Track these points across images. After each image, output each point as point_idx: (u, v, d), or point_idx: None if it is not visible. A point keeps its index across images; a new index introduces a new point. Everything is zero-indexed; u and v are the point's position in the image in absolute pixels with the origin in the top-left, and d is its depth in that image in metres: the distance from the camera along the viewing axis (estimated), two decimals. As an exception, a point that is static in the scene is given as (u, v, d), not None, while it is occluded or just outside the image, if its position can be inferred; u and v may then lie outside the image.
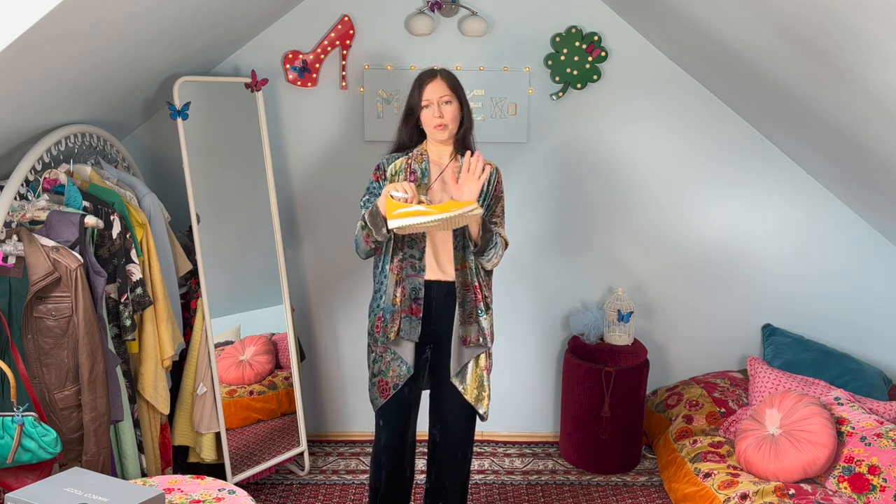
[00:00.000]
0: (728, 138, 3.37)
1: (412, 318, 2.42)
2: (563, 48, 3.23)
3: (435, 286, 2.43)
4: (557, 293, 3.52)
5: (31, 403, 2.11)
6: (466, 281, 2.43)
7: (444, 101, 2.38)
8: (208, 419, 2.94)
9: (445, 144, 2.46)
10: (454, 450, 2.58)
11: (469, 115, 2.46)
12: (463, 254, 2.43)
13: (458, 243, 2.42)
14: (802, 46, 2.24)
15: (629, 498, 3.14)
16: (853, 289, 3.48)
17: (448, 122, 2.39)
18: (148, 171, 3.28)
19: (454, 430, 2.56)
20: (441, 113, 2.38)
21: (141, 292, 2.53)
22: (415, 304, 2.42)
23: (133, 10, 2.12)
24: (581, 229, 3.46)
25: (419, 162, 2.45)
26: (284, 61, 3.24)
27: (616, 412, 3.22)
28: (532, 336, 3.56)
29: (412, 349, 2.44)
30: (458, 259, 2.43)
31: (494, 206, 2.48)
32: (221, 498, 1.98)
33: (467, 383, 2.49)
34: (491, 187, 2.46)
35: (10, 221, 2.22)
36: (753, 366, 3.31)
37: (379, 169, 2.47)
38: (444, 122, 2.38)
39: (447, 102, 2.39)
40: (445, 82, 2.40)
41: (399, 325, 2.42)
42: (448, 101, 2.39)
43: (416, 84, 2.44)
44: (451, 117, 2.39)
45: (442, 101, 2.38)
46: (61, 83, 2.24)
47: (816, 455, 2.67)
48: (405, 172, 2.43)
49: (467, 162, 2.31)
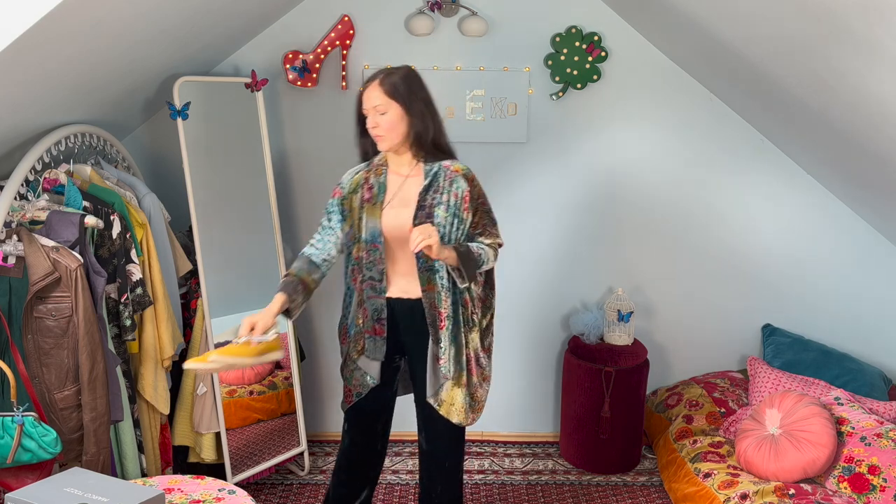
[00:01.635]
0: (728, 138, 3.37)
1: (376, 339, 2.31)
2: (563, 48, 3.23)
3: (398, 304, 2.30)
4: (557, 293, 3.52)
5: (31, 403, 2.11)
6: (434, 302, 2.25)
7: (377, 111, 2.18)
8: (208, 419, 2.94)
9: (398, 153, 2.27)
10: (441, 459, 2.43)
11: (428, 119, 2.23)
12: (429, 275, 2.24)
13: (423, 265, 2.24)
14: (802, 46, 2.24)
15: (629, 498, 3.14)
16: (853, 289, 3.48)
17: (384, 133, 2.19)
18: (148, 171, 3.28)
19: (438, 441, 2.41)
20: (375, 123, 2.19)
21: (141, 292, 2.53)
22: (378, 324, 2.29)
23: (133, 10, 2.12)
24: (581, 229, 3.46)
25: (378, 175, 2.29)
26: (284, 61, 3.24)
27: (616, 412, 3.22)
28: (532, 336, 3.56)
29: (377, 365, 2.34)
30: (424, 280, 2.25)
31: (473, 217, 2.27)
32: (221, 498, 1.98)
33: (442, 399, 2.31)
34: (459, 200, 2.23)
35: (10, 221, 2.22)
36: (753, 366, 3.31)
37: (340, 185, 2.34)
38: (379, 132, 2.19)
39: (382, 113, 2.17)
40: (381, 89, 2.18)
41: (363, 344, 2.32)
42: (382, 111, 2.17)
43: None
44: (387, 127, 2.18)
45: (376, 112, 2.18)
46: (61, 83, 2.24)
47: (816, 455, 2.67)
48: (363, 189, 2.28)
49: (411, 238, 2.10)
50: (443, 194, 2.22)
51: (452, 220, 2.23)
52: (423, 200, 2.22)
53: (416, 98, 2.21)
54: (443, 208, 2.22)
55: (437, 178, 2.24)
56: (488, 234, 2.31)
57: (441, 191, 2.23)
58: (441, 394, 2.31)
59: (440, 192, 2.23)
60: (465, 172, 2.27)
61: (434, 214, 2.21)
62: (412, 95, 2.20)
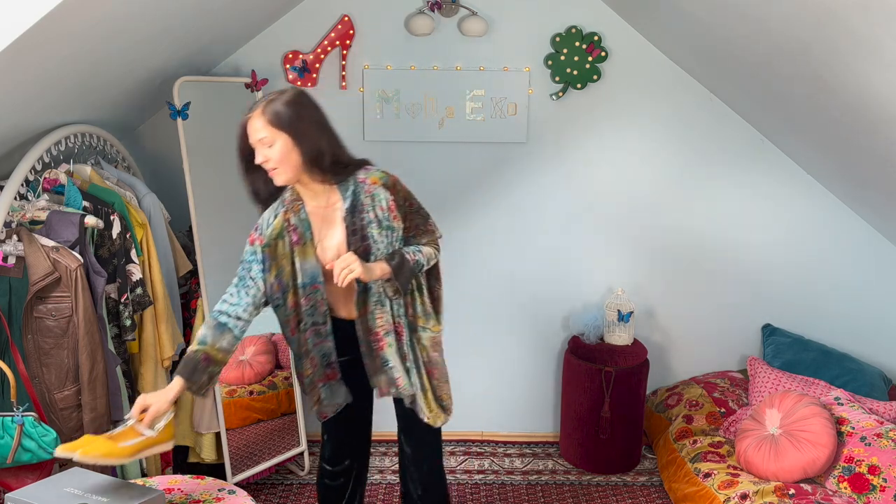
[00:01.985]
0: (728, 138, 3.37)
1: (331, 384, 2.18)
2: (563, 48, 3.23)
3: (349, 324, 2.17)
4: (557, 293, 3.52)
5: (31, 403, 2.11)
6: (368, 325, 2.13)
7: (264, 143, 1.96)
8: (208, 419, 2.94)
9: (305, 185, 2.06)
10: (420, 461, 2.38)
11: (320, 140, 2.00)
12: (364, 297, 2.10)
13: (360, 287, 2.10)
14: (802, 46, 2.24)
15: (629, 498, 3.14)
16: (853, 289, 3.48)
17: (276, 166, 1.97)
18: (148, 171, 3.28)
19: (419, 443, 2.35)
20: (265, 157, 1.97)
21: (141, 292, 2.53)
22: (329, 369, 2.17)
23: (133, 10, 2.12)
24: (581, 229, 3.46)
25: (296, 212, 2.09)
26: (284, 61, 3.24)
27: (616, 412, 3.22)
28: (532, 336, 3.56)
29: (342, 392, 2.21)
30: (360, 304, 2.11)
31: (404, 222, 2.13)
32: (221, 498, 1.98)
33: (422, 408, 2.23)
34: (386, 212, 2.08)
35: (10, 221, 2.22)
36: (753, 366, 3.31)
37: (258, 230, 2.11)
38: (271, 166, 1.98)
39: (269, 146, 1.96)
40: (264, 119, 1.96)
41: (318, 396, 2.17)
42: (269, 143, 1.96)
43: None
44: (278, 159, 1.96)
45: (263, 145, 1.97)
46: (61, 83, 2.24)
47: (816, 455, 2.67)
48: (288, 232, 2.08)
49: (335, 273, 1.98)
50: (368, 212, 2.07)
51: (387, 234, 2.09)
52: (351, 225, 2.06)
53: (304, 121, 1.99)
54: (374, 226, 2.07)
55: (357, 197, 2.07)
56: (423, 233, 2.18)
57: (365, 209, 2.07)
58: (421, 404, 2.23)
59: (365, 211, 2.07)
60: (383, 181, 2.10)
61: (368, 235, 2.07)
62: (299, 120, 1.98)
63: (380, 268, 2.04)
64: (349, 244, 2.07)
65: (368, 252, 2.07)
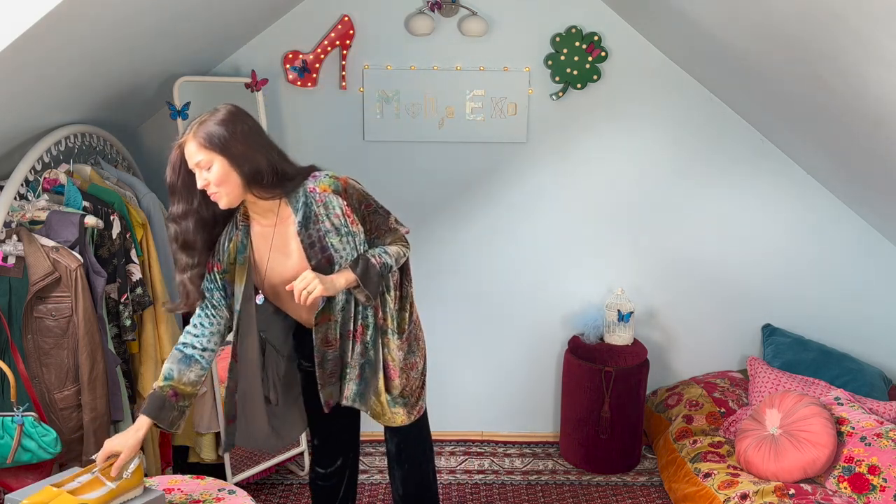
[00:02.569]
0: (728, 138, 3.37)
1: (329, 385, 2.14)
2: (563, 48, 3.23)
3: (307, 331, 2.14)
4: (557, 293, 3.52)
5: (31, 403, 2.11)
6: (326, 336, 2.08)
7: (201, 167, 1.89)
8: (208, 419, 2.94)
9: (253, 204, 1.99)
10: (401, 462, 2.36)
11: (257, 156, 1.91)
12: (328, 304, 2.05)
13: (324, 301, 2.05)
14: (802, 47, 2.24)
15: (629, 498, 3.14)
16: (853, 289, 3.48)
17: (217, 189, 1.90)
18: (148, 171, 3.28)
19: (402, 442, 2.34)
20: (205, 180, 1.89)
21: (141, 292, 2.53)
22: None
23: (133, 10, 2.12)
24: (581, 229, 3.46)
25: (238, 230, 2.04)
26: (284, 61, 3.24)
27: (616, 412, 3.22)
28: (532, 336, 3.56)
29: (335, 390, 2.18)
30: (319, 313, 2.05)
31: (365, 225, 2.08)
32: (221, 498, 1.98)
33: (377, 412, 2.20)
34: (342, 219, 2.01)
35: (10, 221, 2.22)
36: (753, 366, 3.31)
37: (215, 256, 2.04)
38: (212, 191, 1.90)
39: (207, 169, 1.88)
40: (196, 142, 1.88)
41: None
42: (206, 166, 1.88)
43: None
44: (217, 182, 1.88)
45: (200, 169, 1.89)
46: (61, 83, 2.24)
47: (816, 455, 2.67)
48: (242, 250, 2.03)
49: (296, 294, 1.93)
50: (323, 222, 1.99)
51: (348, 240, 2.03)
52: (307, 239, 1.99)
53: (239, 140, 1.89)
54: (332, 235, 2.00)
55: (309, 209, 1.99)
56: (386, 232, 2.13)
57: (320, 219, 1.99)
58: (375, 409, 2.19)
59: (320, 222, 1.99)
60: (333, 188, 2.01)
61: (327, 246, 2.00)
62: (233, 139, 1.88)
63: (344, 278, 1.99)
64: (309, 258, 2.00)
65: (332, 262, 2.00)
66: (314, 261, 1.99)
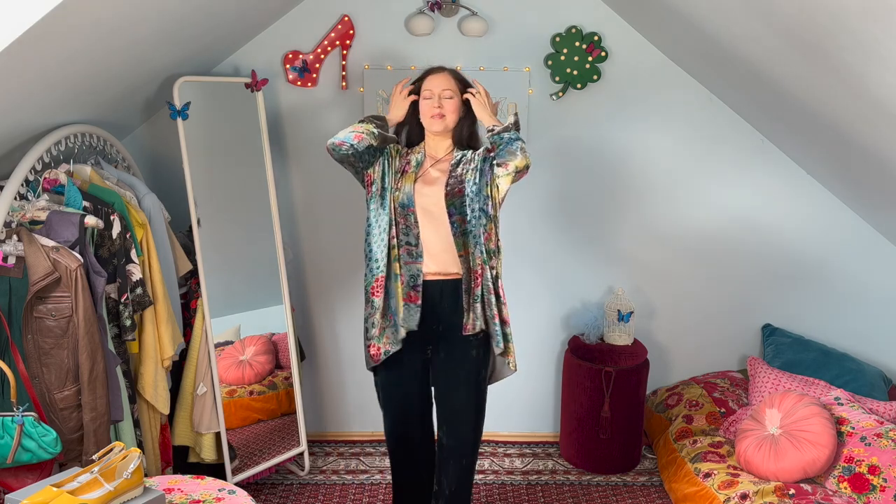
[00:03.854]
0: (728, 138, 3.37)
1: (410, 307, 2.41)
2: (563, 48, 3.23)
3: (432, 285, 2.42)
4: (557, 293, 3.52)
5: (31, 403, 2.11)
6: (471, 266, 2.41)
7: (446, 94, 2.42)
8: (208, 419, 2.94)
9: (442, 137, 2.48)
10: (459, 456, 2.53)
11: (473, 119, 2.47)
12: (464, 239, 2.40)
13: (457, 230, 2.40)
14: (803, 47, 2.24)
15: (629, 498, 3.14)
16: (853, 289, 3.48)
17: (447, 114, 2.41)
18: (148, 171, 3.28)
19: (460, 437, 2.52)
20: (441, 104, 2.41)
21: (141, 292, 2.53)
22: (413, 291, 2.40)
23: (133, 10, 2.12)
24: (581, 229, 3.46)
25: (416, 154, 2.50)
26: (284, 61, 3.24)
27: (616, 412, 3.22)
28: (532, 336, 3.56)
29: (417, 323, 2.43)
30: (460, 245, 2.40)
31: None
32: (221, 498, 1.98)
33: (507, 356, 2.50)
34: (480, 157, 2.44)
35: (10, 221, 2.22)
36: (753, 366, 3.31)
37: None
38: (443, 112, 2.41)
39: (449, 97, 2.42)
40: (452, 77, 2.45)
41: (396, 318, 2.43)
42: (450, 95, 2.42)
43: (421, 76, 2.49)
44: (450, 109, 2.42)
45: (444, 95, 2.42)
46: (61, 83, 2.24)
47: (816, 455, 2.67)
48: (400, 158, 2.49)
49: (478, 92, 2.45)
50: (469, 164, 2.43)
51: (479, 179, 2.39)
52: (453, 172, 2.43)
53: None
54: (470, 173, 2.40)
55: (464, 156, 2.46)
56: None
57: (468, 163, 2.43)
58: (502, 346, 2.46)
59: (467, 164, 2.43)
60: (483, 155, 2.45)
61: (465, 180, 2.40)
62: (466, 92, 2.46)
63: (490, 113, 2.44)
64: (447, 185, 2.41)
65: (463, 194, 2.40)
66: (448, 189, 2.40)
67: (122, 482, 1.84)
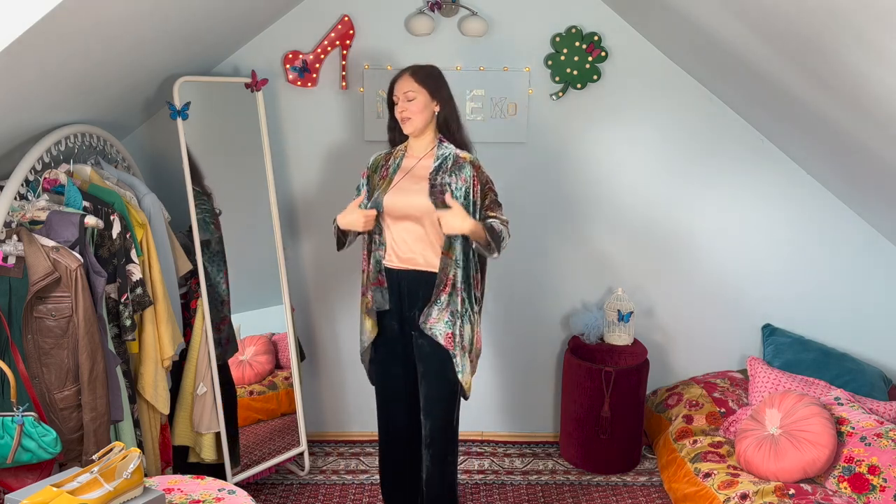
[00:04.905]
0: (728, 138, 3.37)
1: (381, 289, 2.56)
2: (563, 48, 3.23)
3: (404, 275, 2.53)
4: (557, 293, 3.52)
5: (31, 403, 2.11)
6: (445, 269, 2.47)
7: (407, 97, 2.47)
8: (208, 419, 2.94)
9: (417, 137, 2.54)
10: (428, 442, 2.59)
11: (449, 110, 2.52)
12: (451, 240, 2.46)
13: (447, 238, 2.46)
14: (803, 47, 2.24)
15: (629, 498, 3.14)
16: (853, 289, 3.48)
17: (411, 116, 2.47)
18: (148, 171, 3.28)
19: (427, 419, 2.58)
20: (404, 108, 2.48)
21: (141, 292, 2.53)
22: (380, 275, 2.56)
23: (133, 11, 2.12)
24: (581, 229, 3.46)
25: (396, 157, 2.58)
26: (284, 61, 3.24)
27: (616, 412, 3.22)
28: (532, 336, 3.56)
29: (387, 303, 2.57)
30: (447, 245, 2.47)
31: (484, 200, 2.51)
32: (221, 498, 1.98)
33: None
34: (468, 185, 2.47)
35: (10, 221, 2.22)
36: (753, 366, 3.31)
37: (367, 166, 2.63)
38: (406, 115, 2.47)
39: (410, 100, 2.47)
40: (412, 78, 2.49)
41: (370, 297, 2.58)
42: (412, 97, 2.47)
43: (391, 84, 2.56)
44: (414, 111, 2.47)
45: (405, 98, 2.48)
46: (61, 83, 2.24)
47: (816, 455, 2.67)
48: (381, 168, 2.59)
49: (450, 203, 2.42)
50: (450, 177, 2.47)
51: (464, 204, 2.44)
52: (433, 180, 2.47)
53: (441, 88, 2.51)
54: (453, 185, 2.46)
55: (445, 162, 2.49)
56: (498, 210, 2.53)
57: (448, 173, 2.47)
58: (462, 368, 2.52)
59: (448, 174, 2.47)
60: (471, 160, 2.51)
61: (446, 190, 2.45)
62: (438, 85, 2.50)
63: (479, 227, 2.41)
64: (431, 195, 2.45)
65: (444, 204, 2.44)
66: (432, 199, 2.45)
67: (122, 482, 1.84)
